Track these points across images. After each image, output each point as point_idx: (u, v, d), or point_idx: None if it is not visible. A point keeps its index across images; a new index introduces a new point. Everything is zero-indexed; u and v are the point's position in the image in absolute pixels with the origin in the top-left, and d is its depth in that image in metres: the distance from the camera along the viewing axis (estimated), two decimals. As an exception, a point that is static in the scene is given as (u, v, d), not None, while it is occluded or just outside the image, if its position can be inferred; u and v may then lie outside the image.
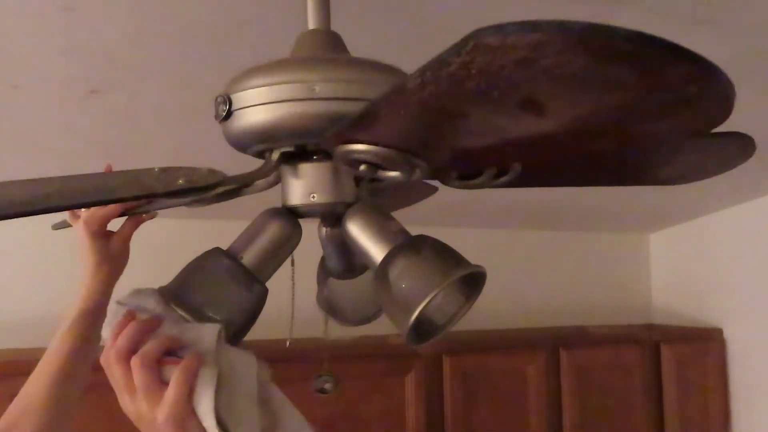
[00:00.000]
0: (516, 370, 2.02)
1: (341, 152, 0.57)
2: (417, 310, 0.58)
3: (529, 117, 0.45)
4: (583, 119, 0.45)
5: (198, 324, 0.62)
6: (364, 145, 0.55)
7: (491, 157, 0.60)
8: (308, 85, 0.61)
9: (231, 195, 0.70)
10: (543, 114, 0.44)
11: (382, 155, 0.55)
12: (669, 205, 2.37)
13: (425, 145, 0.55)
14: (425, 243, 0.64)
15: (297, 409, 0.73)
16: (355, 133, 0.54)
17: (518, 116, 0.45)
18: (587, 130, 0.48)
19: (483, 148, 0.55)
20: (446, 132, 0.52)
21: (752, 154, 0.77)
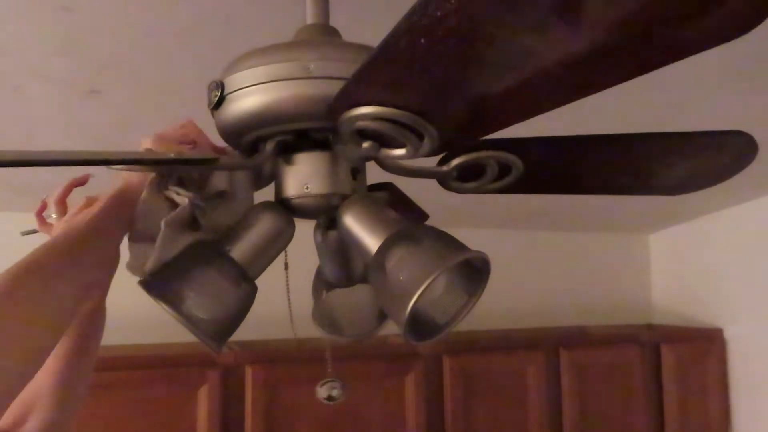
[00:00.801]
0: (516, 370, 2.02)
1: (346, 120, 0.54)
2: (414, 297, 0.54)
3: (562, 27, 0.41)
4: (618, 22, 0.41)
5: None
6: (372, 107, 0.52)
7: (509, 110, 0.55)
8: (302, 63, 0.59)
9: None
10: (578, 19, 0.40)
11: (391, 117, 0.53)
12: (669, 205, 2.37)
13: (440, 97, 0.51)
14: (423, 230, 0.61)
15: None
16: (363, 83, 0.50)
17: (550, 27, 0.41)
18: (619, 39, 0.43)
19: (502, 94, 0.50)
20: (466, 71, 0.47)
21: (755, 153, 0.73)
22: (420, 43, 0.42)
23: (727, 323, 2.40)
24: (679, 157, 0.76)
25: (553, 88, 0.50)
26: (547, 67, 0.46)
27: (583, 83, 0.50)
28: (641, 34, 0.43)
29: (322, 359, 0.94)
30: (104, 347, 1.99)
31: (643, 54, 0.45)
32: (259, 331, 1.74)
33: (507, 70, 0.47)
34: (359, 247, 0.64)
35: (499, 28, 0.41)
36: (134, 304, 1.92)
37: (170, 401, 1.61)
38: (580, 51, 0.44)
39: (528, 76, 0.48)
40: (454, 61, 0.46)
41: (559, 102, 0.52)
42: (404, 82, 0.50)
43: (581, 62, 0.46)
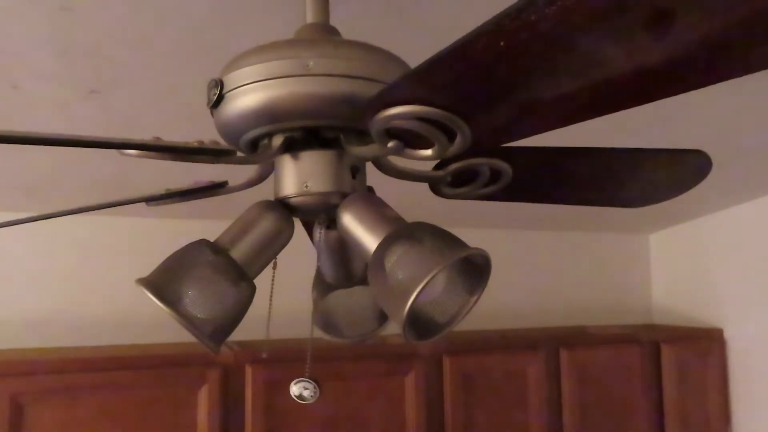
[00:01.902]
0: (516, 370, 2.02)
1: (383, 118, 0.53)
2: (413, 295, 0.53)
3: (646, 39, 0.41)
4: (704, 37, 0.41)
5: None
6: (415, 107, 0.51)
7: (552, 116, 0.54)
8: (301, 61, 0.59)
9: (212, 193, 0.69)
10: (666, 33, 0.40)
11: (432, 117, 0.52)
12: (669, 205, 2.37)
13: (490, 101, 0.51)
14: (422, 228, 0.60)
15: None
16: (421, 81, 0.49)
17: (636, 39, 0.41)
18: (698, 52, 0.44)
19: (553, 100, 0.50)
20: (529, 77, 0.47)
21: (709, 170, 0.78)
22: (499, 46, 0.42)
23: (727, 323, 2.40)
24: (645, 172, 0.79)
25: (608, 97, 0.51)
26: (613, 76, 0.46)
27: (640, 94, 0.50)
28: (722, 48, 0.43)
29: (322, 359, 0.94)
30: (104, 347, 2.00)
31: (716, 67, 0.46)
32: (259, 331, 1.74)
33: (572, 77, 0.47)
34: (358, 246, 0.63)
35: (586, 36, 0.41)
36: (134, 304, 1.93)
37: (170, 401, 1.61)
38: (654, 63, 0.44)
39: (588, 84, 0.48)
40: (523, 66, 0.46)
41: (606, 111, 0.52)
42: (462, 83, 0.49)
43: (649, 73, 0.46)
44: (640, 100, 0.51)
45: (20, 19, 0.98)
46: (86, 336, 1.88)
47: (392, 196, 0.81)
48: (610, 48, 0.43)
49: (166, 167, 0.73)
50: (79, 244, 1.96)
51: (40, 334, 1.80)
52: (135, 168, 1.48)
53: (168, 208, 0.85)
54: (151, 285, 0.58)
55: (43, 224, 1.89)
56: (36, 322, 1.79)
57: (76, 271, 1.94)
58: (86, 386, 1.54)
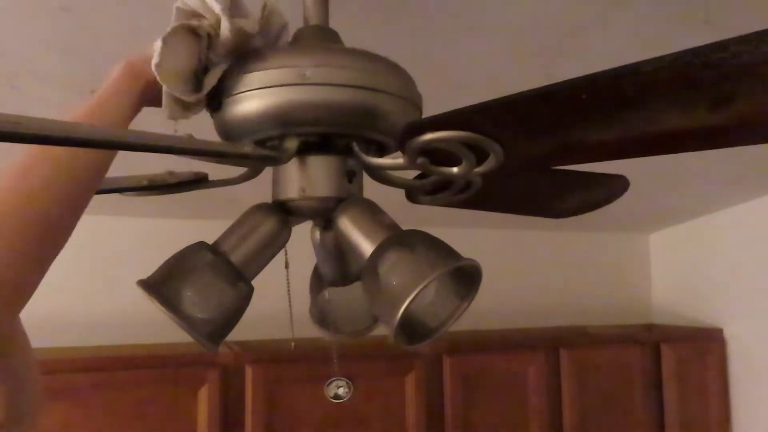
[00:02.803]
0: (516, 370, 2.02)
1: (427, 139, 0.54)
2: (405, 304, 0.54)
3: (705, 109, 0.46)
4: (753, 112, 0.47)
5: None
6: (460, 132, 0.52)
7: (589, 154, 0.59)
8: (299, 70, 0.59)
9: (193, 187, 0.69)
10: (724, 109, 0.46)
11: (475, 143, 0.53)
12: (669, 205, 2.38)
13: (538, 138, 0.54)
14: (416, 236, 0.61)
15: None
16: (484, 115, 0.51)
17: (696, 108, 0.46)
18: (747, 123, 0.50)
19: (596, 143, 0.54)
20: (587, 125, 0.51)
21: (626, 189, 0.89)
22: (579, 99, 0.45)
23: (727, 323, 2.40)
24: (577, 190, 0.89)
25: (645, 146, 0.56)
26: (659, 132, 0.51)
27: (676, 146, 0.57)
28: (760, 123, 0.50)
29: (322, 359, 0.94)
30: (104, 347, 2.00)
31: (751, 135, 0.54)
32: (259, 331, 1.74)
33: (624, 129, 0.51)
34: (354, 251, 0.64)
35: (656, 103, 0.46)
36: (134, 304, 1.93)
37: (170, 401, 1.61)
38: (701, 127, 0.50)
39: (636, 136, 0.52)
40: (588, 117, 0.49)
41: (636, 155, 0.57)
42: (526, 122, 0.51)
43: (692, 134, 0.52)
44: (671, 151, 0.58)
45: (20, 19, 0.98)
46: (86, 336, 1.88)
47: (392, 196, 0.81)
48: (671, 112, 0.47)
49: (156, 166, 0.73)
50: (79, 244, 1.96)
51: (39, 334, 1.80)
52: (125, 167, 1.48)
53: (167, 208, 0.85)
54: (151, 287, 0.59)
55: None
56: (35, 322, 1.79)
57: (76, 271, 1.94)
58: (86, 386, 1.54)
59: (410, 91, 0.66)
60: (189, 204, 1.91)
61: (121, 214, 2.00)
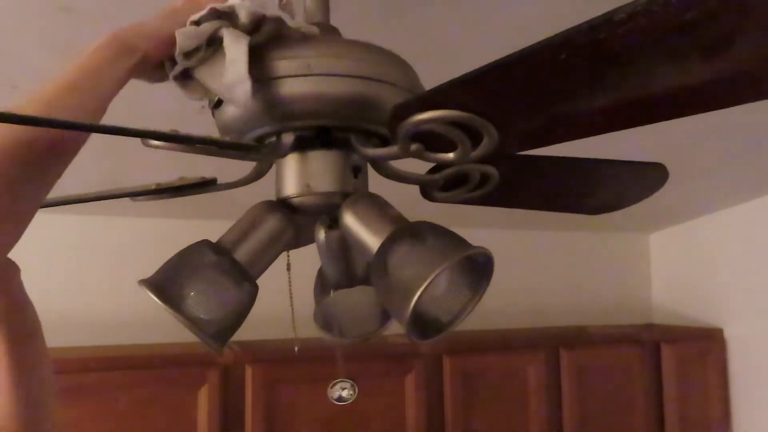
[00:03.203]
0: (516, 370, 2.02)
1: (413, 122, 0.53)
2: (417, 293, 0.53)
3: (699, 61, 0.42)
4: (754, 57, 0.43)
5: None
6: (449, 111, 0.51)
7: (586, 127, 0.55)
8: (303, 60, 0.59)
9: (202, 190, 0.68)
10: (722, 54, 0.42)
11: (463, 122, 0.51)
12: (669, 205, 2.38)
13: (528, 110, 0.51)
14: (425, 227, 0.60)
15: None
16: (465, 88, 0.49)
17: (690, 61, 0.42)
18: (749, 72, 0.45)
19: (590, 112, 0.51)
20: (574, 90, 0.48)
21: (666, 181, 0.83)
22: (559, 59, 0.42)
23: (727, 323, 2.40)
24: (609, 183, 0.84)
25: (642, 111, 0.51)
26: (655, 92, 0.47)
27: (675, 109, 0.51)
28: (758, 74, 0.45)
29: (322, 359, 0.94)
30: (104, 347, 2.00)
31: (758, 87, 0.48)
32: (259, 331, 1.74)
33: (615, 92, 0.48)
34: (361, 246, 0.63)
35: (643, 56, 0.42)
36: (134, 304, 1.93)
37: (170, 401, 1.61)
38: (699, 81, 0.45)
39: (627, 99, 0.48)
40: (574, 80, 0.46)
41: (635, 124, 0.53)
42: (510, 93, 0.49)
43: (690, 90, 0.47)
44: (673, 115, 0.52)
45: (20, 19, 0.98)
46: (86, 336, 1.88)
47: (392, 196, 0.81)
48: (662, 67, 0.44)
49: (160, 168, 0.73)
50: (79, 244, 1.96)
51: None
52: (130, 169, 1.48)
53: (169, 208, 0.85)
54: (154, 286, 0.58)
55: (43, 224, 1.88)
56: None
57: (76, 271, 1.94)
58: (87, 386, 1.54)
59: (413, 82, 0.66)
60: (191, 204, 1.90)
61: (122, 214, 2.00)
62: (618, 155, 0.78)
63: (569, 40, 0.40)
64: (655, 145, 1.66)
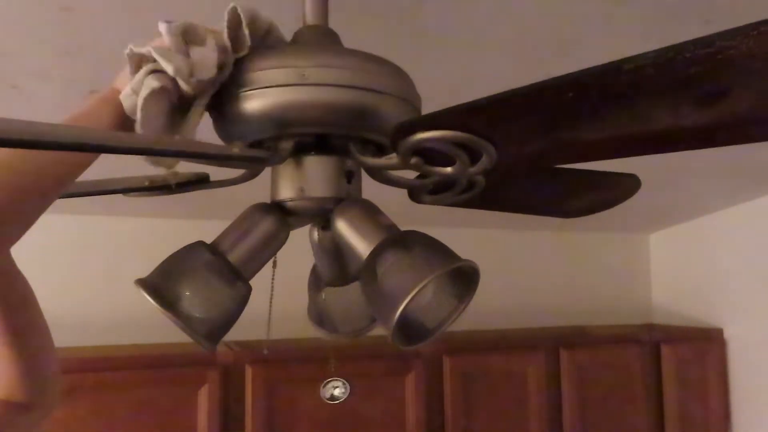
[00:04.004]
0: (516, 370, 2.02)
1: (418, 139, 0.54)
2: (402, 305, 0.54)
3: (695, 107, 0.46)
4: (747, 109, 0.46)
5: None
6: (451, 132, 0.52)
7: (581, 154, 0.59)
8: (298, 70, 0.59)
9: (195, 188, 0.69)
10: (716, 103, 0.45)
11: (465, 143, 0.53)
12: (669, 205, 2.38)
13: (530, 136, 0.54)
14: (414, 237, 0.61)
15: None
16: (470, 114, 0.51)
17: (687, 105, 0.46)
18: (739, 120, 0.49)
19: (588, 142, 0.54)
20: (577, 123, 0.51)
21: (638, 189, 0.88)
22: (566, 97, 0.45)
23: (727, 323, 2.40)
24: (587, 190, 0.89)
25: (634, 145, 0.55)
26: (650, 131, 0.51)
27: (666, 145, 0.56)
28: (755, 121, 0.49)
29: (322, 359, 0.94)
30: (104, 347, 1.99)
31: (744, 133, 0.53)
32: (260, 331, 1.74)
33: (615, 127, 0.51)
34: (352, 252, 0.64)
35: (644, 101, 0.46)
36: (134, 304, 1.93)
37: (170, 401, 1.61)
38: (691, 125, 0.49)
39: (624, 134, 0.52)
40: (576, 115, 0.49)
41: (625, 155, 0.57)
42: (514, 121, 0.51)
43: (682, 131, 0.51)
44: (666, 150, 0.57)
45: (20, 19, 0.98)
46: (86, 336, 1.88)
47: (392, 195, 0.81)
48: (660, 110, 0.47)
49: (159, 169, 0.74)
50: (78, 244, 1.96)
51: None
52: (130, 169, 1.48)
53: (167, 208, 0.85)
54: (149, 286, 0.59)
55: (43, 224, 1.88)
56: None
57: (75, 271, 1.94)
58: (86, 386, 1.54)
59: (409, 91, 0.66)
60: (189, 204, 1.91)
61: (121, 214, 2.00)
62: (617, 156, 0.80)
63: (578, 81, 0.43)
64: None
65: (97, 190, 0.70)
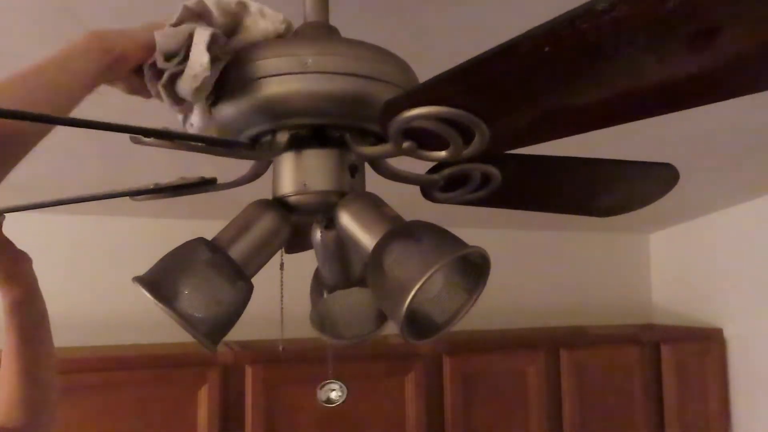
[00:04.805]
0: (516, 370, 2.02)
1: (403, 118, 0.53)
2: (412, 293, 0.52)
3: (684, 53, 0.42)
4: (743, 50, 0.42)
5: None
6: (439, 107, 0.50)
7: (574, 124, 0.55)
8: (300, 58, 0.59)
9: (201, 189, 0.68)
10: (708, 45, 0.41)
11: (452, 118, 0.51)
12: (669, 205, 2.37)
13: (516, 105, 0.51)
14: (420, 226, 0.60)
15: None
16: (451, 83, 0.48)
17: (675, 53, 0.42)
18: (736, 65, 0.44)
19: (578, 108, 0.51)
20: (562, 84, 0.47)
21: (677, 181, 0.81)
22: (543, 52, 0.42)
23: (727, 323, 2.40)
24: (618, 183, 0.82)
25: (629, 106, 0.51)
26: (641, 86, 0.47)
27: (662, 105, 0.51)
28: (754, 63, 0.44)
29: (322, 359, 0.94)
30: (104, 347, 1.99)
31: (743, 82, 0.47)
32: (259, 331, 1.74)
33: (602, 86, 0.47)
34: (357, 245, 0.63)
35: (628, 47, 0.41)
36: (134, 304, 1.93)
37: (170, 401, 1.61)
38: (685, 75, 0.45)
39: (614, 93, 0.48)
40: (559, 73, 0.46)
41: (623, 120, 0.52)
42: (496, 86, 0.48)
43: (676, 85, 0.46)
44: (665, 109, 0.52)
45: (21, 20, 0.98)
46: (86, 336, 1.88)
47: (392, 196, 0.81)
48: (647, 60, 0.43)
49: (160, 169, 0.73)
50: (79, 244, 1.96)
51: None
52: (130, 170, 1.48)
53: (168, 208, 0.85)
54: (148, 283, 0.58)
55: (43, 224, 1.89)
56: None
57: (75, 271, 1.94)
58: (86, 386, 1.54)
59: (410, 81, 0.66)
60: (189, 204, 1.90)
61: (121, 214, 2.00)
62: (617, 156, 0.78)
63: (552, 31, 0.40)
64: (656, 146, 1.66)
65: (105, 195, 0.70)
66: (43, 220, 1.88)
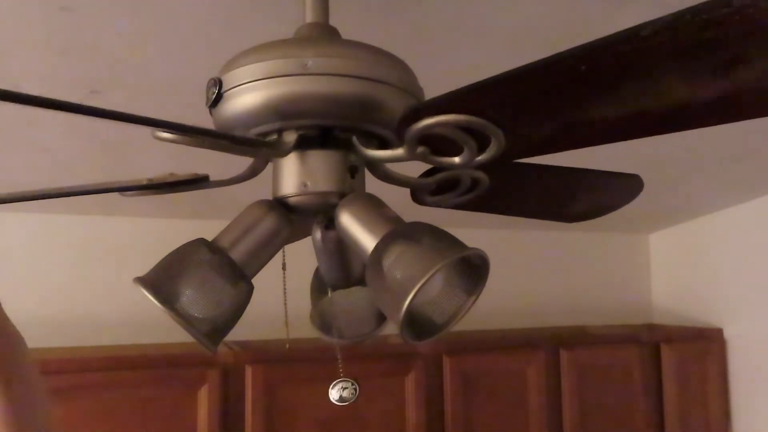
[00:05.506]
0: (516, 370, 2.02)
1: (423, 126, 0.53)
2: (411, 294, 0.53)
3: (711, 76, 0.43)
4: (760, 78, 0.43)
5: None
6: (460, 116, 0.51)
7: (591, 136, 0.56)
8: (300, 60, 0.59)
9: (194, 187, 0.69)
10: (732, 73, 0.43)
11: (473, 127, 0.52)
12: (669, 205, 2.38)
13: (539, 117, 0.51)
14: (420, 228, 0.60)
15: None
16: (479, 95, 0.49)
17: (702, 75, 0.43)
18: (752, 91, 0.46)
19: (598, 121, 0.52)
20: (587, 100, 0.48)
21: (641, 190, 0.84)
22: (579, 70, 0.43)
23: (727, 323, 2.40)
24: (588, 191, 0.85)
25: (648, 123, 0.52)
26: (664, 105, 0.48)
27: (679, 123, 0.52)
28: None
29: (322, 359, 0.94)
30: (104, 347, 1.99)
31: (755, 107, 0.49)
32: (259, 331, 1.74)
33: (626, 103, 0.48)
34: (357, 246, 0.63)
35: (659, 71, 0.43)
36: (134, 304, 1.93)
37: (170, 401, 1.61)
38: (706, 97, 0.47)
39: (637, 110, 0.49)
40: (589, 90, 0.46)
41: (639, 135, 0.54)
42: (525, 100, 0.49)
43: (696, 106, 0.48)
44: (684, 127, 0.53)
45: (20, 19, 0.98)
46: (86, 336, 1.88)
47: (390, 198, 0.81)
48: (675, 82, 0.44)
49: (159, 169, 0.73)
50: (79, 244, 1.96)
51: (39, 334, 1.80)
52: (130, 170, 1.48)
53: (168, 208, 0.85)
54: (148, 283, 0.58)
55: (43, 224, 1.89)
56: (36, 323, 1.79)
57: (76, 271, 1.94)
58: (86, 386, 1.54)
59: (411, 83, 0.66)
60: (189, 204, 1.91)
61: (121, 214, 2.00)
62: (618, 156, 0.78)
63: (592, 52, 0.41)
64: (655, 146, 1.66)
65: (97, 189, 0.70)
66: (44, 220, 1.89)
